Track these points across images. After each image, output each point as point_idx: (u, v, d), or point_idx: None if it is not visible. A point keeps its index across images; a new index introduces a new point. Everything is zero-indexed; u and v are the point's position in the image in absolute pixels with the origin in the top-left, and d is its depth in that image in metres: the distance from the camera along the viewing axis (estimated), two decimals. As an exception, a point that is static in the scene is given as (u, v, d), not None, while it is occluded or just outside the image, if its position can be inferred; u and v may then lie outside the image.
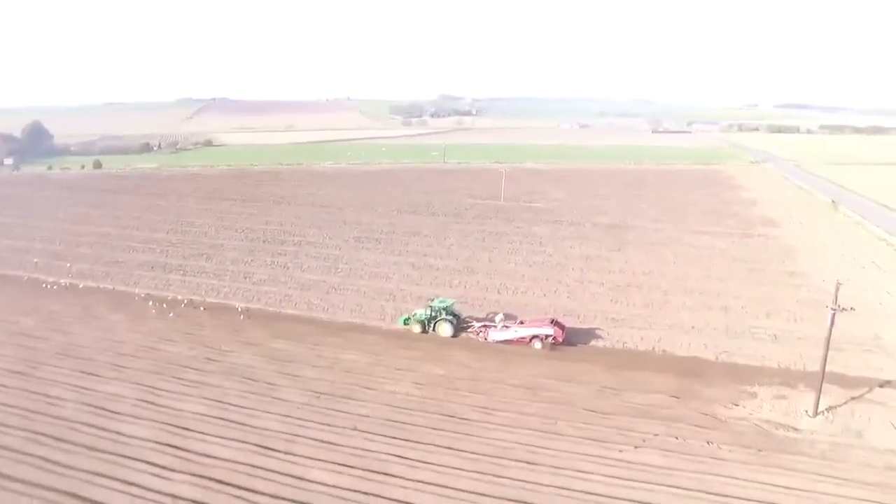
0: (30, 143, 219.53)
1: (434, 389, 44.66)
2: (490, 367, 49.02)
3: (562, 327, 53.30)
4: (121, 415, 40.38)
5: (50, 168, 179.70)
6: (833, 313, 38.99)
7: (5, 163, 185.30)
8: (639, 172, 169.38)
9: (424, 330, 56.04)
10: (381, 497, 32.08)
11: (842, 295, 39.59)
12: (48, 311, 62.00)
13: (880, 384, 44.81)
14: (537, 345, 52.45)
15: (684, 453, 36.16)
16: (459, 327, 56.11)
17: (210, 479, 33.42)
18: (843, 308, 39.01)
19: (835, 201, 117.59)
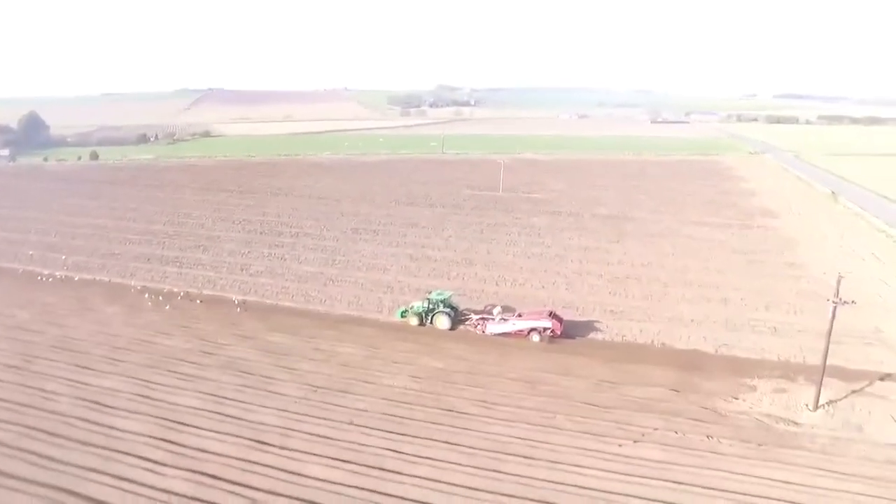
0: (26, 134, 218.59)
1: (432, 383, 44.35)
2: (488, 360, 48.70)
3: (560, 320, 52.91)
4: (115, 409, 40.08)
5: (46, 159, 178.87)
6: (835, 307, 38.61)
7: (1, 154, 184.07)
8: (638, 163, 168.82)
9: (422, 322, 55.68)
10: (378, 492, 31.78)
11: (842, 287, 39.21)
12: (43, 304, 61.55)
13: (881, 377, 44.57)
14: (535, 338, 52.11)
15: (684, 448, 35.88)
16: (457, 320, 55.78)
17: (204, 474, 33.13)
18: (845, 301, 38.68)
19: (834, 192, 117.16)
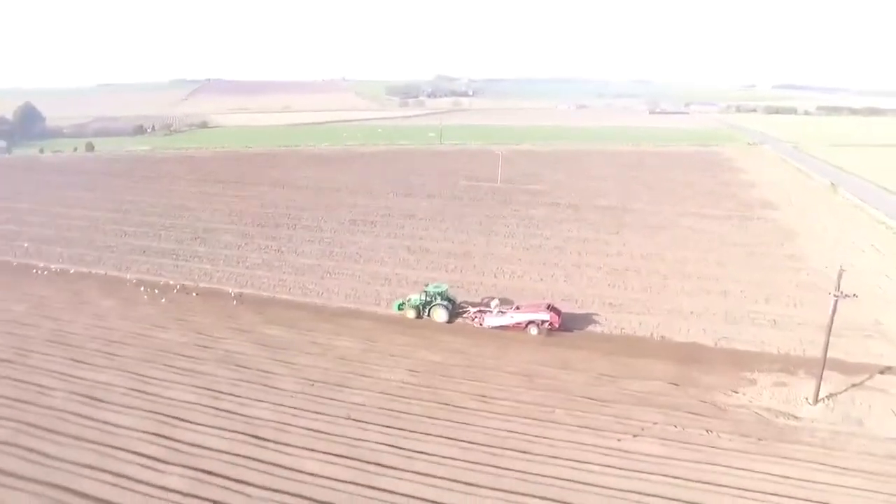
0: (21, 126, 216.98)
1: (429, 377, 44.01)
2: (486, 353, 48.36)
3: (558, 313, 52.58)
4: (110, 404, 39.71)
5: (41, 151, 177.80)
6: (836, 300, 38.27)
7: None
8: (637, 154, 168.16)
9: (419, 315, 55.30)
10: (375, 488, 31.51)
11: (842, 280, 38.87)
12: (38, 297, 61.04)
13: (881, 371, 44.28)
14: (533, 330, 51.73)
15: (683, 442, 35.61)
16: (454, 313, 55.40)
17: (200, 470, 32.83)
18: (847, 295, 38.30)
19: (833, 184, 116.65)
